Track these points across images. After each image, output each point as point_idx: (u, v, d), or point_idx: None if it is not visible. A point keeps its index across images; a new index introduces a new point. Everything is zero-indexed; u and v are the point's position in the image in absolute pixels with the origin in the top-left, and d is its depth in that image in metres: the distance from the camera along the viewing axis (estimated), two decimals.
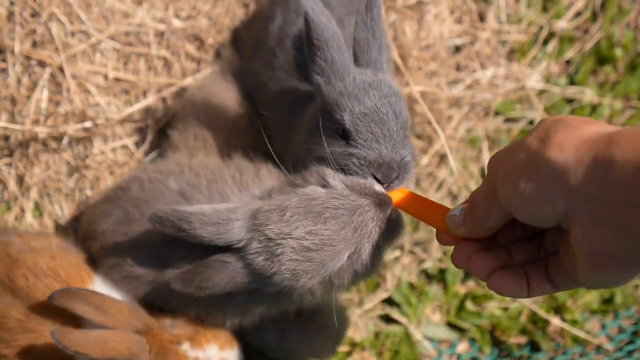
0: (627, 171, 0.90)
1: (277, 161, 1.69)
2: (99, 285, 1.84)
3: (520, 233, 1.28)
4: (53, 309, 1.69)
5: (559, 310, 2.55)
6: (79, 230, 2.05)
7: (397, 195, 1.50)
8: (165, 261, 1.72)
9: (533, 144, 1.04)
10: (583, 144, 0.97)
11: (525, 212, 1.06)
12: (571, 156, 0.97)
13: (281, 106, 1.93)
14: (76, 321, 1.71)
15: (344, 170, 1.52)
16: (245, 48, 2.32)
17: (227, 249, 1.51)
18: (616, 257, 0.97)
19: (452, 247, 1.32)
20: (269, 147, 1.73)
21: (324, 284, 1.52)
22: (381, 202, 1.44)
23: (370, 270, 1.54)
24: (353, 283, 1.57)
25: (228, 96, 2.20)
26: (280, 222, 1.43)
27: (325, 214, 1.40)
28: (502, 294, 1.24)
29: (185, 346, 1.77)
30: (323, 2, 1.99)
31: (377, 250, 1.50)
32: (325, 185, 1.48)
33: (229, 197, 1.73)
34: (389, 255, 2.46)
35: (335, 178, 1.48)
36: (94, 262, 1.90)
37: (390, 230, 1.49)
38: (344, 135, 1.54)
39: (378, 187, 1.48)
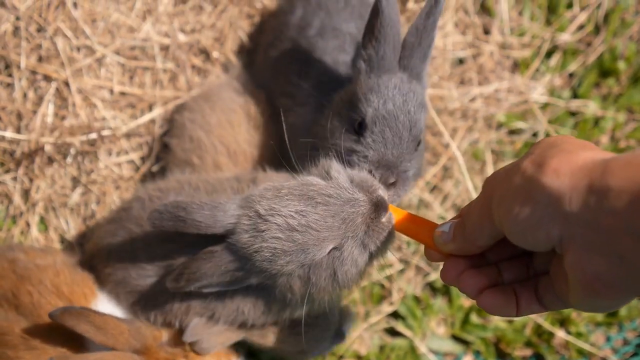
0: (621, 199, 0.91)
1: (290, 152, 1.69)
2: (102, 302, 1.84)
3: (509, 251, 1.28)
4: (57, 327, 1.69)
5: (563, 322, 2.55)
6: (85, 249, 2.05)
7: None
8: (167, 272, 1.73)
9: (529, 168, 1.04)
10: (578, 171, 0.97)
11: (520, 236, 1.07)
12: (566, 182, 0.98)
13: (298, 88, 1.97)
14: (79, 339, 1.71)
15: (348, 163, 1.56)
16: (261, 42, 2.35)
17: (218, 241, 1.54)
18: (610, 283, 0.98)
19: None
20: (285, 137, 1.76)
21: (303, 280, 1.51)
22: (378, 203, 1.44)
23: (349, 278, 1.52)
24: (331, 288, 1.54)
25: (231, 96, 2.23)
26: (273, 199, 1.45)
27: (318, 199, 1.41)
28: (492, 313, 1.24)
29: None
30: (344, 1, 2.03)
31: (361, 256, 1.48)
32: (326, 177, 1.49)
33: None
34: (393, 268, 2.46)
35: (339, 172, 1.49)
36: (101, 280, 1.91)
37: (382, 241, 1.47)
38: (359, 129, 1.57)
39: (382, 191, 1.48)
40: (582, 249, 0.98)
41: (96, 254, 1.93)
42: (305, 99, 1.92)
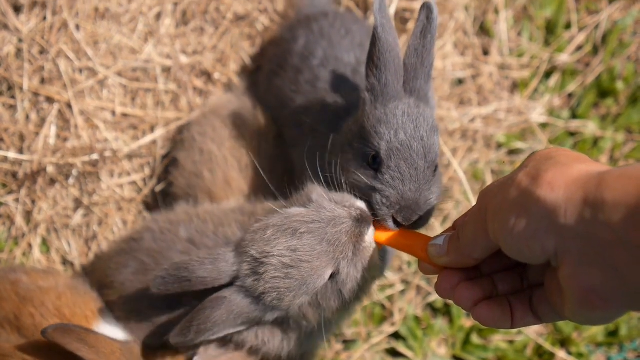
0: (617, 212, 0.91)
1: (295, 176, 1.69)
2: (104, 324, 1.84)
3: (504, 263, 1.28)
4: (58, 349, 1.68)
5: (564, 343, 2.55)
6: (91, 279, 2.05)
7: (376, 228, 1.50)
8: (179, 304, 1.73)
9: (524, 181, 1.05)
10: (573, 183, 0.98)
11: (515, 249, 1.07)
12: (561, 195, 0.98)
13: (306, 117, 1.97)
14: None
15: (368, 201, 1.52)
16: (263, 71, 2.36)
17: (221, 288, 1.53)
18: (605, 296, 0.98)
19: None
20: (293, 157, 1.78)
21: (314, 307, 1.53)
22: (359, 217, 1.45)
23: (358, 295, 1.54)
24: (344, 307, 1.57)
25: (241, 110, 2.24)
26: (262, 241, 1.46)
27: (302, 229, 1.42)
28: (487, 325, 1.24)
29: None
30: (344, 27, 2.02)
31: (361, 271, 1.49)
32: (308, 204, 1.50)
33: (230, 239, 1.76)
34: (394, 289, 2.46)
35: (320, 195, 1.50)
36: (111, 309, 1.91)
37: (369, 250, 1.49)
38: (374, 163, 1.53)
39: (360, 204, 1.49)
40: (577, 261, 0.98)
41: (107, 284, 1.94)
42: (313, 129, 1.92)
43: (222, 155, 2.12)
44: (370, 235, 1.48)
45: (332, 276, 1.47)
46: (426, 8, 1.55)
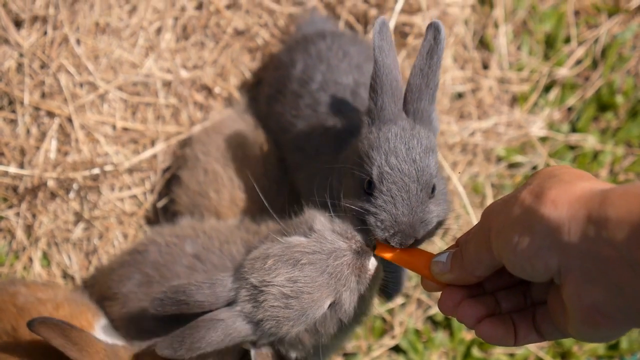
0: (620, 229, 0.91)
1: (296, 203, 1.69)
2: (101, 334, 1.84)
3: (507, 280, 1.28)
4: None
5: (565, 356, 2.54)
6: (92, 291, 2.06)
7: (378, 245, 1.50)
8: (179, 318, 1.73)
9: (527, 199, 1.05)
10: (577, 201, 0.98)
11: (519, 267, 1.07)
12: (565, 213, 0.98)
13: (308, 141, 1.97)
14: None
15: (363, 222, 1.51)
16: (262, 94, 2.35)
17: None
18: (608, 314, 0.98)
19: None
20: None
21: (311, 333, 1.53)
22: (359, 249, 1.46)
23: (356, 319, 1.55)
24: (342, 332, 1.57)
25: (244, 130, 2.24)
26: (262, 270, 1.46)
27: (303, 260, 1.43)
28: (490, 343, 1.24)
29: None
30: (341, 50, 2.02)
31: (362, 301, 1.50)
32: (310, 233, 1.50)
33: (235, 257, 1.79)
34: (394, 302, 2.46)
35: (322, 224, 1.51)
36: (112, 319, 1.92)
37: (370, 279, 1.49)
38: (369, 188, 1.51)
39: (359, 236, 1.49)
40: (581, 279, 0.98)
41: (110, 296, 1.94)
42: (316, 153, 1.93)
43: (227, 176, 2.12)
44: (373, 263, 1.48)
45: (330, 305, 1.47)
46: (434, 28, 1.51)
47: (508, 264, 1.09)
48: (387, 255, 1.48)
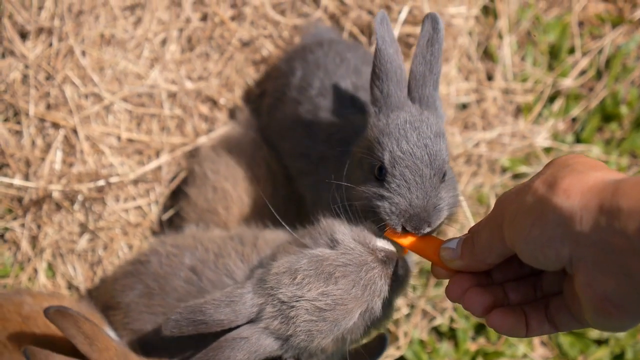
0: (632, 220, 0.91)
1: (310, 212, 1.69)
2: None
3: (516, 272, 1.29)
4: None
5: None
6: (96, 301, 2.06)
7: (389, 230, 1.51)
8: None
9: (540, 188, 1.06)
10: (589, 191, 0.98)
11: (531, 255, 1.07)
12: (577, 203, 0.98)
13: (311, 148, 1.98)
14: None
15: (374, 211, 1.52)
16: (264, 104, 2.38)
17: (238, 327, 1.53)
18: (620, 304, 0.98)
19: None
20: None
21: (337, 341, 1.52)
22: (385, 258, 1.46)
23: (381, 322, 1.56)
24: (365, 335, 1.58)
25: (252, 147, 2.25)
26: (292, 285, 1.45)
27: (336, 274, 1.42)
28: (502, 333, 1.25)
29: None
30: (338, 56, 2.03)
31: (388, 304, 1.51)
32: (334, 244, 1.50)
33: (233, 271, 1.77)
34: (399, 312, 2.46)
35: (344, 234, 1.50)
36: (116, 329, 1.92)
37: (398, 284, 1.50)
38: (380, 174, 1.52)
39: (380, 243, 1.49)
40: (592, 269, 0.99)
41: (113, 305, 1.95)
42: (322, 157, 1.93)
43: (237, 194, 2.13)
44: (403, 268, 1.50)
45: (360, 313, 1.47)
46: (431, 18, 1.56)
47: (520, 252, 1.10)
48: (398, 241, 1.49)
